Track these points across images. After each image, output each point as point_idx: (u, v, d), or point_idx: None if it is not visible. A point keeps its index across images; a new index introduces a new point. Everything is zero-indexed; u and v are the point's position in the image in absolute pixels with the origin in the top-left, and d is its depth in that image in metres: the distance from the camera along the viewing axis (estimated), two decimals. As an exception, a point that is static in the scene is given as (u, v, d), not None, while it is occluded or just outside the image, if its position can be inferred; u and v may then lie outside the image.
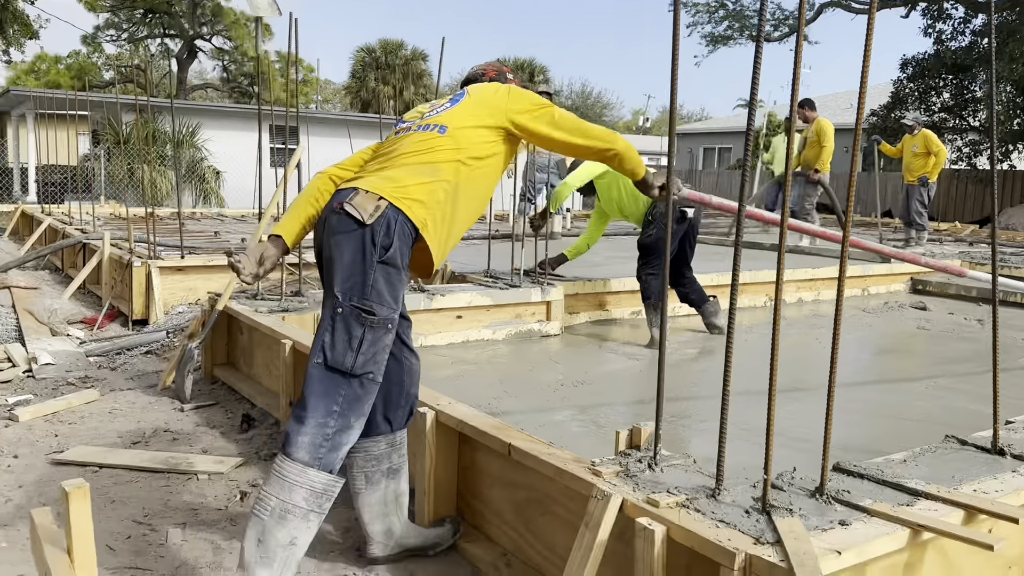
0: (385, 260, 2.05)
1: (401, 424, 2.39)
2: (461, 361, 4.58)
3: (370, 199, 2.08)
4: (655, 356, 4.79)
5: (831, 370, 1.90)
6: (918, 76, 18.05)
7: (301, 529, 2.00)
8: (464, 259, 6.76)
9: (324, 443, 2.02)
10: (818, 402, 3.80)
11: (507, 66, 2.81)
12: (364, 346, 2.03)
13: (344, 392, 2.04)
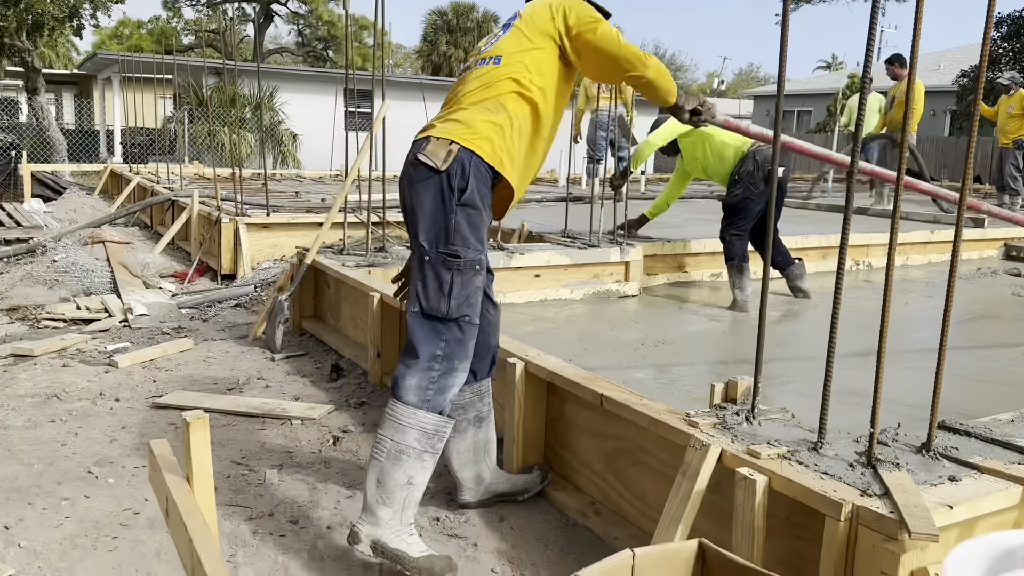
0: (464, 203, 2.07)
1: (485, 374, 2.42)
2: (540, 319, 4.60)
3: (442, 145, 2.10)
4: (738, 318, 4.74)
5: (943, 330, 1.84)
6: (1013, 35, 17.10)
7: (416, 469, 2.07)
8: (541, 220, 6.75)
9: (431, 386, 2.07)
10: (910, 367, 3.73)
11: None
12: (455, 290, 2.06)
13: (445, 337, 2.08)
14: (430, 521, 2.44)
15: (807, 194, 9.71)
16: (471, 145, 2.10)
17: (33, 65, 17.20)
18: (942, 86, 22.10)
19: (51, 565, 2.20)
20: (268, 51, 34.22)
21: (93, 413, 3.37)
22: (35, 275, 5.93)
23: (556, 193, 9.71)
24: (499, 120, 2.14)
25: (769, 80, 46.02)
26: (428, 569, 2.01)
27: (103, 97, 22.73)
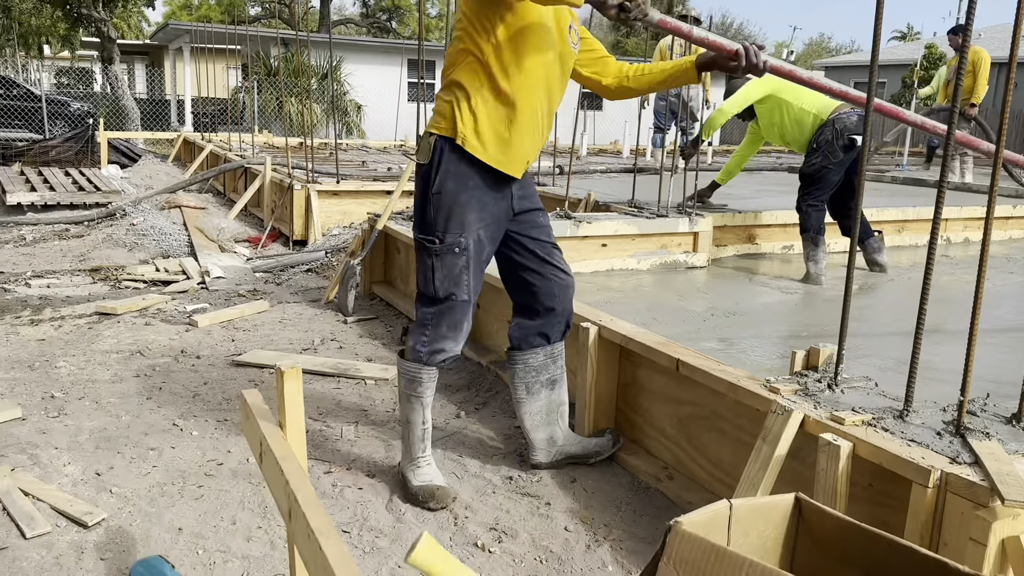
0: (438, 190, 2.18)
1: (558, 337, 2.45)
2: (606, 288, 4.59)
3: (424, 139, 2.24)
4: (812, 290, 4.66)
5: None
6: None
7: (406, 409, 2.36)
8: (607, 190, 6.71)
9: (421, 348, 2.31)
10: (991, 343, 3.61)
11: None
12: (438, 273, 2.24)
13: (433, 310, 2.29)
14: (503, 480, 2.49)
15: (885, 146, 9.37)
16: (439, 131, 2.19)
17: (108, 35, 17.68)
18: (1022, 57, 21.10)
19: (141, 510, 2.31)
20: (333, 22, 34.47)
21: (176, 369, 3.50)
22: (115, 238, 6.16)
23: (621, 164, 9.64)
24: (454, 97, 2.18)
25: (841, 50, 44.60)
26: (416, 495, 2.32)
27: (174, 67, 23.26)
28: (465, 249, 2.21)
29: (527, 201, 2.35)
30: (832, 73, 30.10)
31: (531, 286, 2.38)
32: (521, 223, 2.33)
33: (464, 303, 2.27)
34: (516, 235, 2.34)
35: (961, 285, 5.00)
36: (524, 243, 2.35)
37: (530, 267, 2.36)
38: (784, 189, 7.25)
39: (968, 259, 5.76)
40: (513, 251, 2.36)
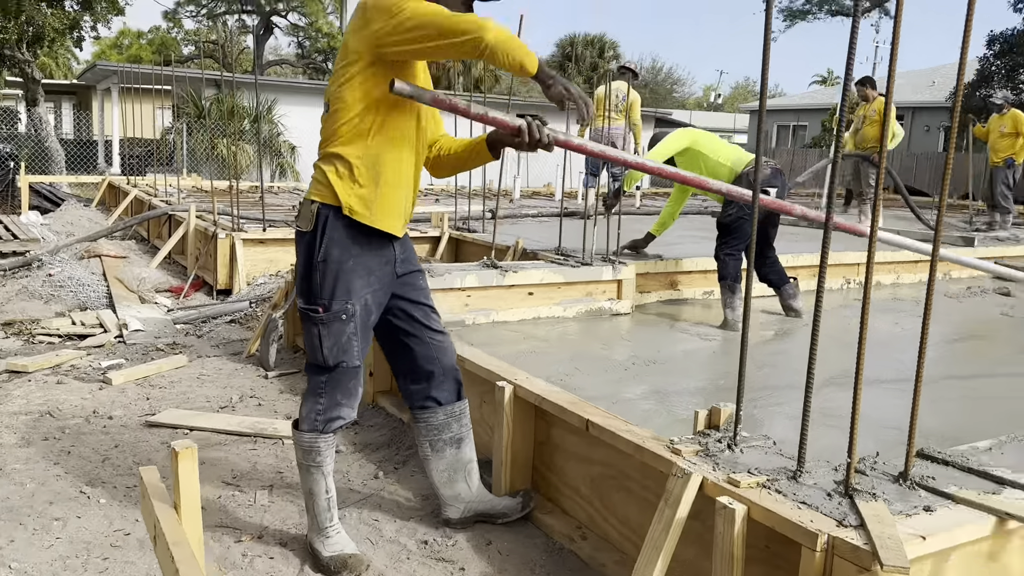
0: (324, 258, 2.18)
1: (450, 398, 2.47)
2: (532, 337, 4.63)
3: (306, 206, 2.23)
4: (729, 337, 4.78)
5: (920, 356, 1.87)
6: (1006, 52, 17.24)
7: (309, 481, 2.32)
8: (537, 236, 6.80)
9: (318, 417, 2.30)
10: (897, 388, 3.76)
11: None
12: (325, 342, 2.23)
13: (324, 379, 2.28)
14: (418, 544, 2.47)
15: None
16: (321, 198, 2.19)
17: (32, 76, 17.26)
18: (936, 102, 22.27)
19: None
20: (268, 63, 34.36)
21: (86, 431, 3.39)
22: (31, 289, 5.96)
23: (553, 208, 9.78)
24: (334, 166, 2.19)
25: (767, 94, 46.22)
26: (328, 566, 2.29)
27: (102, 107, 22.79)
28: (353, 316, 2.21)
29: (408, 263, 2.38)
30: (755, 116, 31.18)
31: (410, 351, 2.40)
32: (402, 285, 2.35)
33: (355, 369, 2.28)
34: (397, 298, 2.36)
35: (887, 327, 5.19)
36: (404, 307, 2.37)
37: (409, 331, 2.39)
38: (707, 235, 7.43)
39: (880, 301, 5.99)
40: (393, 315, 2.37)
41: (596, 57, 38.11)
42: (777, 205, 3.23)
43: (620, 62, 10.28)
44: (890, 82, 1.85)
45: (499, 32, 2.02)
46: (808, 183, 13.35)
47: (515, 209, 10.55)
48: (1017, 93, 17.22)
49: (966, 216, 10.46)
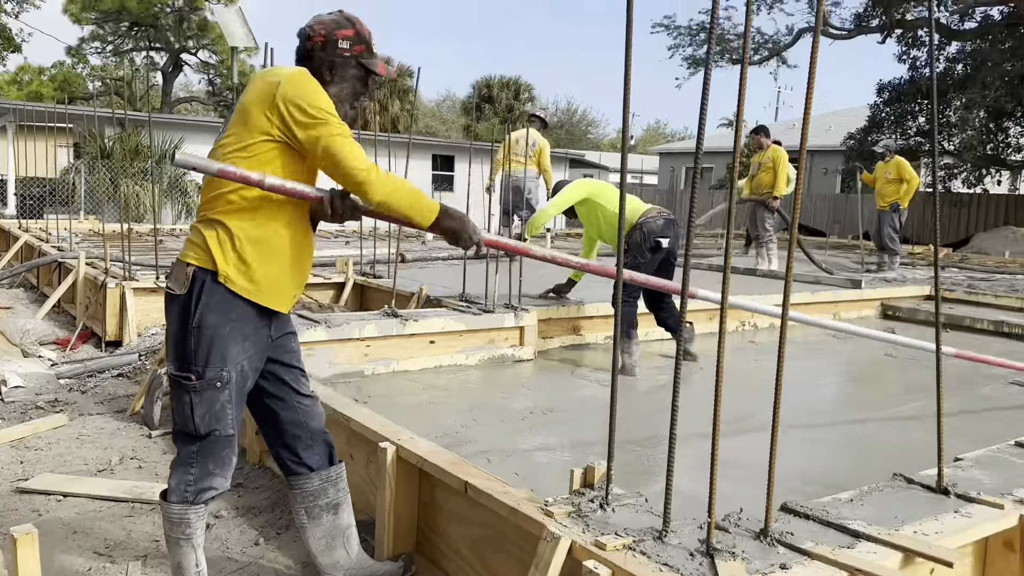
0: (199, 324, 2.09)
1: (322, 463, 2.40)
2: (432, 387, 4.61)
3: (180, 268, 2.14)
4: (626, 382, 4.85)
5: (775, 410, 1.94)
6: (894, 100, 18.34)
7: (178, 554, 2.22)
8: (443, 281, 6.80)
9: (188, 487, 2.20)
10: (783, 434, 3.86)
11: (353, 26, 2.21)
12: (197, 410, 2.14)
13: (196, 448, 2.19)
14: (296, 613, 2.40)
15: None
16: (198, 261, 2.11)
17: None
18: (832, 146, 23.41)
19: None
20: (177, 100, 33.63)
21: (-51, 501, 3.18)
22: (-98, 343, 5.60)
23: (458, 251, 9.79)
24: (215, 232, 2.11)
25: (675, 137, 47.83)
26: None
27: (-4, 145, 21.81)
28: (228, 383, 2.14)
29: (283, 325, 2.32)
30: (667, 158, 32.21)
31: (276, 415, 2.34)
32: (275, 348, 2.29)
33: (229, 438, 2.20)
34: (270, 362, 2.29)
35: (765, 374, 5.36)
36: (275, 371, 2.31)
37: (276, 395, 2.32)
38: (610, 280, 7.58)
39: (772, 344, 6.19)
40: (265, 379, 2.31)
41: (512, 99, 38.76)
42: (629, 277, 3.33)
43: (534, 108, 10.57)
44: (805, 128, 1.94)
45: (386, 192, 2.06)
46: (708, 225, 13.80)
47: (426, 252, 10.53)
48: (905, 139, 18.30)
49: (858, 256, 10.98)
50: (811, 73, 1.83)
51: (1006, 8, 16.04)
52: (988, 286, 8.61)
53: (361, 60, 2.21)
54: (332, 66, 2.18)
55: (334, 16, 2.21)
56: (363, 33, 2.21)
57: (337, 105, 2.16)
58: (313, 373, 4.43)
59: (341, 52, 2.18)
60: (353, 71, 2.21)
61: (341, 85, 2.20)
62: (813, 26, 18.57)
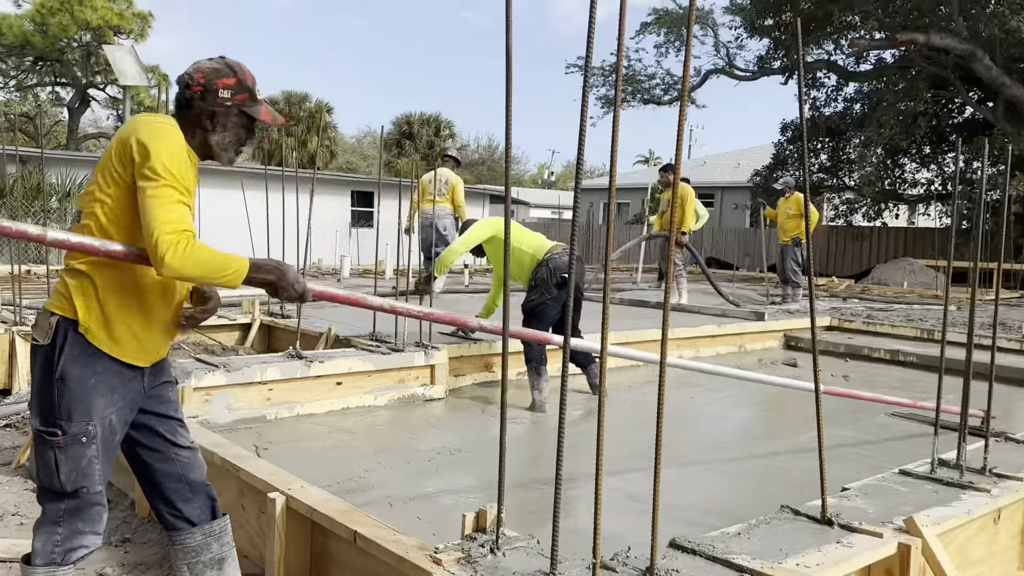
0: (62, 376, 2.01)
1: (204, 517, 2.31)
2: (338, 430, 4.51)
3: (44, 317, 2.06)
4: (536, 418, 4.87)
5: (656, 451, 1.96)
6: (797, 139, 19.16)
7: None
8: (355, 321, 6.70)
9: (56, 548, 2.07)
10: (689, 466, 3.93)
11: (235, 74, 2.14)
12: (63, 466, 2.04)
13: (63, 506, 2.07)
14: (178, 677, 2.28)
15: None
16: (62, 311, 2.03)
17: None
18: (740, 182, 24.29)
19: None
20: (85, 136, 32.58)
21: None
22: None
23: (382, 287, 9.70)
24: (79, 282, 2.03)
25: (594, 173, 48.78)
26: None
27: None
28: (94, 438, 2.04)
29: (158, 375, 2.22)
30: (586, 194, 32.74)
31: (154, 469, 2.25)
32: (149, 399, 2.20)
33: (97, 494, 2.09)
34: (143, 413, 2.20)
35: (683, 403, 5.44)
36: (149, 423, 2.21)
37: (154, 448, 2.23)
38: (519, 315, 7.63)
39: (680, 376, 6.32)
40: (136, 430, 2.21)
41: (433, 135, 38.92)
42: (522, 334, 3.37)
43: (451, 147, 10.72)
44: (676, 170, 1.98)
45: (183, 265, 1.90)
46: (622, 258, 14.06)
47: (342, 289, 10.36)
48: (810, 175, 19.09)
49: (764, 289, 11.34)
50: (679, 131, 1.89)
51: (898, 52, 17.01)
52: (886, 316, 9.00)
53: (244, 108, 2.14)
54: (212, 115, 2.11)
55: (215, 63, 2.15)
56: (245, 80, 2.15)
57: (221, 153, 2.13)
58: (211, 420, 4.32)
59: (222, 101, 2.11)
60: (236, 119, 2.15)
61: (223, 134, 2.13)
62: (719, 69, 19.39)
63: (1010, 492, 2.76)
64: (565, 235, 25.15)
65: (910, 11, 16.01)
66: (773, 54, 18.34)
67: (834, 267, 19.73)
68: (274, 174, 8.38)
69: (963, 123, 17.92)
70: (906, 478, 2.86)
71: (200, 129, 2.11)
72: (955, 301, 10.95)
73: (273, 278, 2.05)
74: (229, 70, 2.14)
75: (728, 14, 18.30)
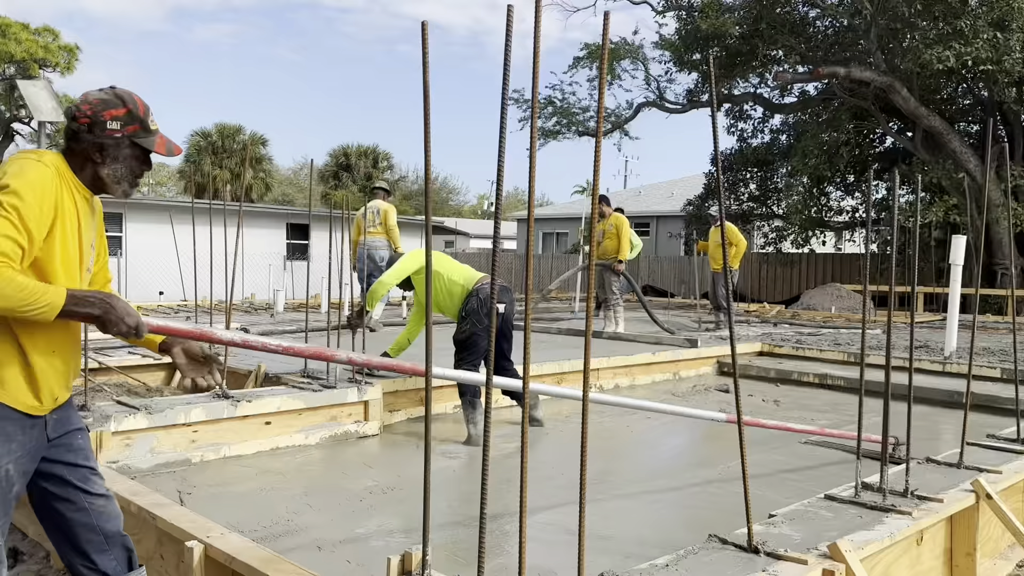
0: None
1: (120, 569, 2.20)
2: (267, 471, 4.38)
3: None
4: (473, 452, 4.81)
5: (581, 488, 1.94)
6: (727, 169, 19.69)
7: None
8: (284, 357, 6.56)
9: None
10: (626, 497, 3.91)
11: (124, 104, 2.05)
12: None
13: None
14: None
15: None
16: None
17: None
18: (674, 211, 24.78)
19: None
20: (6, 170, 31.48)
21: None
22: None
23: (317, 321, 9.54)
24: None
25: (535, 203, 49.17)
26: None
27: None
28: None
29: (63, 423, 2.12)
30: (523, 225, 33.00)
31: (66, 520, 2.14)
32: (56, 447, 2.09)
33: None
34: (49, 462, 2.09)
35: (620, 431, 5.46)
36: (59, 472, 2.11)
37: (65, 498, 2.12)
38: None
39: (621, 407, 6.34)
40: (44, 480, 2.10)
41: (371, 167, 38.80)
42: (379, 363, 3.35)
43: (378, 181, 10.81)
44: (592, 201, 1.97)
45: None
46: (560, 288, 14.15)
47: (275, 324, 10.21)
48: (739, 204, 19.62)
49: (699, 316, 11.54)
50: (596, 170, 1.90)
51: (820, 84, 17.67)
52: (815, 341, 9.23)
53: (135, 140, 2.07)
54: (101, 148, 2.03)
55: (103, 94, 2.07)
56: (136, 111, 2.07)
57: (114, 185, 2.05)
58: (132, 465, 4.15)
59: (110, 133, 2.03)
60: (127, 151, 2.07)
61: (114, 166, 2.05)
62: (650, 101, 19.83)
63: (931, 514, 2.82)
64: (504, 264, 25.23)
65: (831, 45, 16.69)
66: (701, 87, 18.86)
67: (765, 293, 20.22)
68: (204, 207, 8.21)
69: (884, 152, 18.70)
70: (831, 503, 2.90)
71: (90, 162, 2.03)
72: (880, 325, 11.31)
73: (99, 312, 1.91)
74: (119, 100, 2.05)
75: (658, 49, 18.78)
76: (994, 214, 14.30)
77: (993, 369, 6.95)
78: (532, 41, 1.72)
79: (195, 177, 32.44)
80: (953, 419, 5.90)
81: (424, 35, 1.94)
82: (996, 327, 12.30)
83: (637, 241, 9.96)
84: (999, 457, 3.62)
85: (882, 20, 14.56)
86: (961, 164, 14.95)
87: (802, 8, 17.06)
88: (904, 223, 13.11)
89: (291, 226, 20.21)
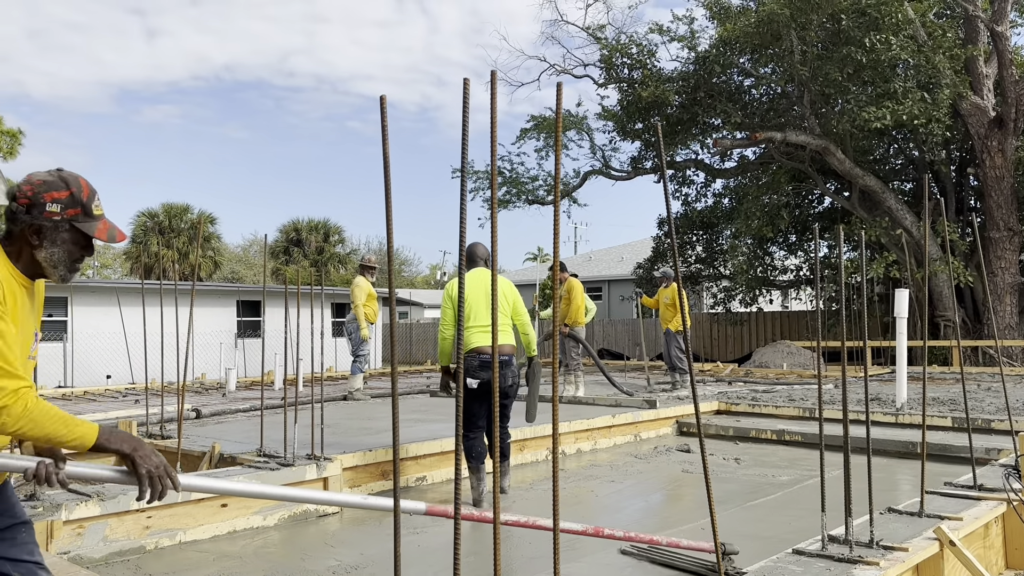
0: None
1: None
2: (225, 556, 4.23)
3: None
4: (441, 524, 4.71)
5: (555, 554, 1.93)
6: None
7: None
8: (241, 436, 6.42)
9: None
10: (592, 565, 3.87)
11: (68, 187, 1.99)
12: None
13: None
14: None
15: None
16: None
17: None
18: (625, 275, 25.14)
19: None
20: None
21: None
22: None
23: (271, 399, 9.35)
24: None
25: (485, 271, 49.52)
26: None
27: None
28: None
29: (6, 516, 2.05)
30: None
31: None
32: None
33: None
34: None
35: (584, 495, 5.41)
36: (2, 568, 2.02)
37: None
38: (421, 417, 7.51)
39: (581, 470, 6.31)
40: None
41: (322, 241, 38.67)
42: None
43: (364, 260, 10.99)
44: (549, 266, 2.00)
45: (23, 424, 1.81)
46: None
47: (227, 403, 9.97)
48: (687, 266, 20.01)
49: (655, 377, 11.62)
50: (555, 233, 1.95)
51: (758, 149, 18.32)
52: (770, 398, 9.34)
53: (75, 223, 1.98)
54: (39, 230, 1.95)
55: (48, 176, 1.99)
56: (80, 195, 1.98)
57: (51, 269, 1.98)
58: (84, 555, 3.98)
59: (50, 215, 1.94)
60: (66, 235, 1.98)
61: (52, 250, 1.97)
62: (596, 170, 20.30)
63: (898, 563, 2.85)
64: (458, 335, 25.12)
65: (767, 111, 17.38)
66: (645, 155, 19.40)
67: (717, 352, 20.49)
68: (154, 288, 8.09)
69: (824, 212, 19.35)
70: (799, 557, 2.91)
71: (26, 244, 1.96)
72: (832, 379, 11.51)
73: (129, 447, 1.94)
74: (62, 183, 1.98)
75: (601, 119, 19.32)
76: (932, 268, 14.82)
77: (944, 418, 7.11)
78: (482, 115, 1.77)
79: (143, 258, 32.02)
80: (908, 468, 6.00)
81: (383, 109, 1.99)
82: (943, 377, 12.62)
83: (591, 305, 10.07)
84: (958, 504, 3.68)
85: (815, 86, 15.25)
86: (898, 221, 15.54)
87: (737, 77, 17.79)
88: (847, 280, 13.52)
89: (242, 303, 19.94)
